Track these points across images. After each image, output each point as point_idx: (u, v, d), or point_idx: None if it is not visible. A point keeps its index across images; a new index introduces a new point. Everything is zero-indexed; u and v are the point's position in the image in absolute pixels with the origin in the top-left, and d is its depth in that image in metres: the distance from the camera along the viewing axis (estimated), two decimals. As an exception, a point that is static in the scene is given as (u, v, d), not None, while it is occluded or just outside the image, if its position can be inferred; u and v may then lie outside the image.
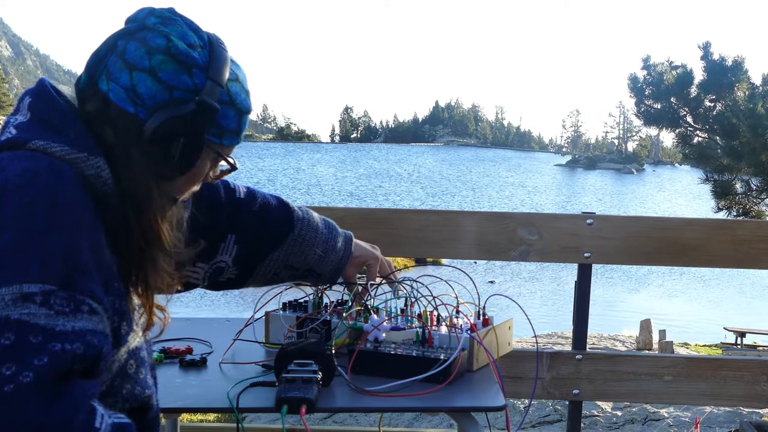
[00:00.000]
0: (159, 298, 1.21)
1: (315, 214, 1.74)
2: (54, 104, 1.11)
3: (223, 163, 1.26)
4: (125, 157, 1.10)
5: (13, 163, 1.02)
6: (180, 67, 1.12)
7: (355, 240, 1.79)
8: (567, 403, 2.50)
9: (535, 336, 2.10)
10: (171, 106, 1.11)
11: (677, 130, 12.50)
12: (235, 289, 1.71)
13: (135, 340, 1.12)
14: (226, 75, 1.17)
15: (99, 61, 1.13)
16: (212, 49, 1.16)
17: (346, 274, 1.77)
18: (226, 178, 1.41)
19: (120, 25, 1.18)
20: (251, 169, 60.32)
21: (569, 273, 21.23)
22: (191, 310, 18.29)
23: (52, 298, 0.94)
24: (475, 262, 21.37)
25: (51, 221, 0.97)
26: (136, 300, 1.14)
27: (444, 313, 1.73)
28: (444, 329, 1.67)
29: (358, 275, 1.79)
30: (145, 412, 1.14)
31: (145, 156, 1.11)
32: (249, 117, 1.27)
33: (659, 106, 12.45)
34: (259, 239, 1.62)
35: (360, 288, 1.79)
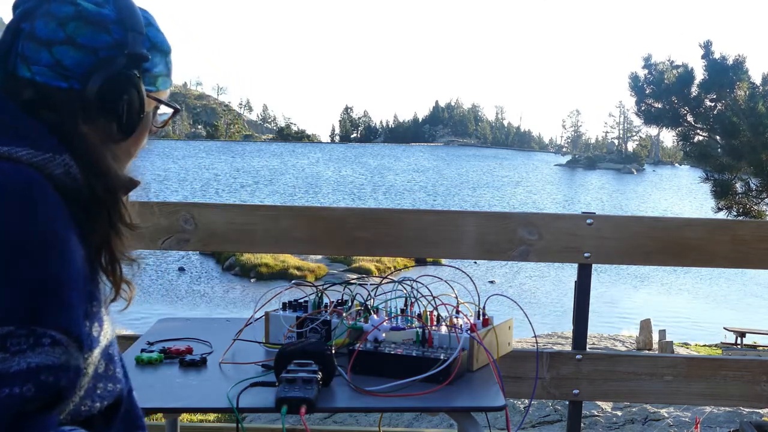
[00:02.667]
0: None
1: None
2: (3, 106, 1.07)
3: (166, 109, 1.25)
4: (73, 134, 1.07)
5: None
6: (96, 28, 1.10)
7: None
8: (567, 403, 2.50)
9: (535, 336, 2.10)
10: (102, 67, 1.09)
11: (678, 129, 12.50)
12: None
13: (106, 337, 1.10)
14: (142, 22, 1.15)
15: (8, 51, 1.10)
16: (116, 1, 1.14)
17: None
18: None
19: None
20: (252, 169, 60.32)
21: (569, 273, 21.23)
22: (191, 310, 18.30)
23: (9, 339, 0.92)
24: (475, 262, 21.37)
25: (18, 250, 0.94)
26: (105, 280, 1.12)
27: (444, 313, 1.73)
28: (444, 329, 1.67)
29: (358, 276, 1.78)
30: (118, 406, 1.14)
31: (93, 126, 1.09)
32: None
33: (660, 105, 12.44)
34: None
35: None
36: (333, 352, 1.56)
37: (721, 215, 11.60)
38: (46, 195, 1.00)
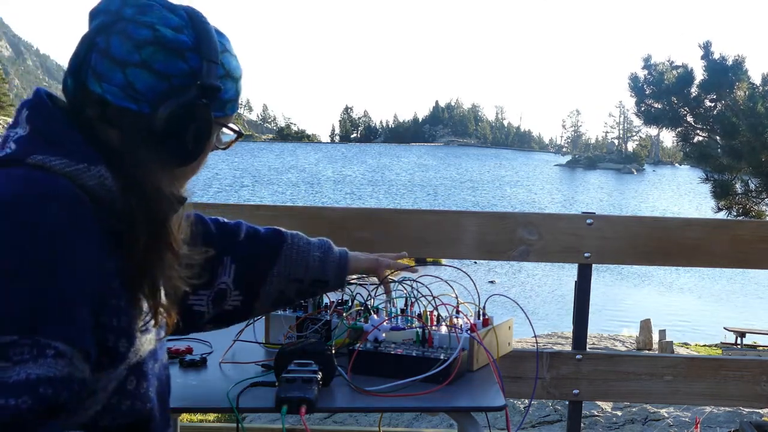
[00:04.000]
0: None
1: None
2: (51, 115, 1.08)
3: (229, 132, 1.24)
4: (133, 156, 1.07)
5: (3, 186, 0.98)
6: (172, 54, 1.09)
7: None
8: (567, 403, 2.50)
9: (535, 336, 2.10)
10: (173, 95, 1.08)
11: (678, 130, 12.50)
12: (243, 319, 1.64)
13: (138, 353, 1.09)
14: (218, 49, 1.14)
15: (81, 62, 1.09)
16: (195, 25, 1.12)
17: (354, 267, 1.69)
18: (215, 216, 1.52)
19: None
20: (252, 169, 60.30)
21: (569, 273, 21.23)
22: (191, 309, 18.26)
23: (11, 349, 0.91)
24: (475, 262, 21.38)
25: (23, 261, 0.94)
26: (144, 304, 1.11)
27: (444, 313, 1.73)
28: (444, 329, 1.67)
29: (358, 276, 1.77)
30: (147, 425, 1.13)
31: (155, 151, 1.09)
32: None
33: (660, 106, 12.44)
34: (254, 257, 1.58)
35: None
36: (333, 352, 1.55)
37: (721, 215, 11.60)
38: (67, 205, 0.99)
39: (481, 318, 1.77)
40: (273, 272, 1.59)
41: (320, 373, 1.42)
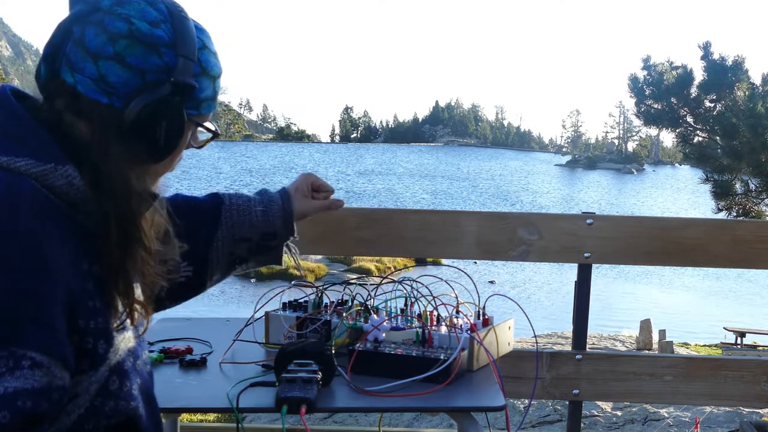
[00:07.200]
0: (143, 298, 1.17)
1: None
2: (15, 114, 1.05)
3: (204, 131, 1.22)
4: (103, 150, 1.05)
5: None
6: (147, 49, 1.06)
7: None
8: (567, 403, 2.50)
9: (535, 336, 2.10)
10: (146, 90, 1.06)
11: (677, 130, 12.50)
12: (201, 288, 1.61)
13: (117, 353, 1.08)
14: (195, 46, 1.11)
15: (56, 50, 1.07)
16: (174, 21, 1.09)
17: (301, 211, 1.67)
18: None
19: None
20: (251, 168, 60.30)
21: (569, 273, 21.22)
22: (191, 310, 18.29)
23: None
24: (475, 262, 21.37)
25: None
26: (119, 302, 1.09)
27: (444, 313, 1.73)
28: (444, 329, 1.67)
29: (358, 276, 1.77)
30: (134, 425, 1.12)
31: (125, 146, 1.06)
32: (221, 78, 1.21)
33: (659, 106, 12.44)
34: (195, 225, 1.54)
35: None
36: (333, 352, 1.55)
37: (721, 215, 11.60)
38: (33, 208, 0.98)
39: (481, 318, 1.77)
40: (217, 236, 1.58)
41: (320, 373, 1.42)
